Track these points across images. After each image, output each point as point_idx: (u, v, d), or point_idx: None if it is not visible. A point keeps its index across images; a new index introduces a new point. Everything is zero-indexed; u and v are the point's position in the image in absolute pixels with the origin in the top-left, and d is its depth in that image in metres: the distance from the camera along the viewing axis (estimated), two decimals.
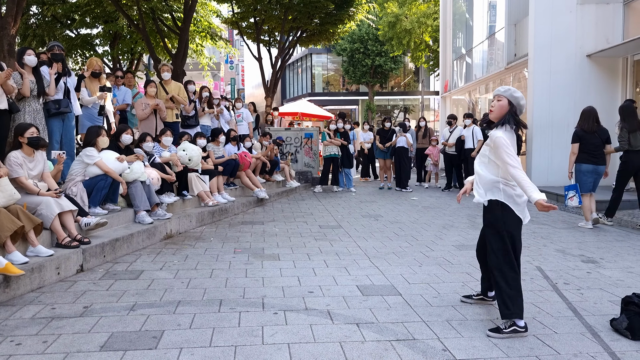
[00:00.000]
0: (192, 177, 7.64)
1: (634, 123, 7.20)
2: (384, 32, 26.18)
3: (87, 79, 7.08)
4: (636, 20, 10.66)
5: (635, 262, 5.32)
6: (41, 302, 3.89)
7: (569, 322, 3.59)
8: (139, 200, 6.11)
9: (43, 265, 4.26)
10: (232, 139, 9.50)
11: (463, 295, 4.05)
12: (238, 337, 3.27)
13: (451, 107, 19.88)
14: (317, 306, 3.86)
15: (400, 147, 11.82)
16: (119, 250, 5.30)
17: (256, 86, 42.01)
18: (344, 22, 19.62)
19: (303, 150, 13.17)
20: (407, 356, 3.02)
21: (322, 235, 6.68)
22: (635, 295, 3.47)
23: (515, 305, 3.34)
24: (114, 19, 17.27)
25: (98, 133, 5.90)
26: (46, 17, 17.26)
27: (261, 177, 10.40)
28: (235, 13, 19.21)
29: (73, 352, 3.03)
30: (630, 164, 7.27)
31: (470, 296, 4.02)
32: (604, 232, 6.98)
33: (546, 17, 11.22)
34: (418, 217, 8.10)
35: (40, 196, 4.78)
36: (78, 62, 19.90)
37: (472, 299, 3.99)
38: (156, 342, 3.18)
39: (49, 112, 6.12)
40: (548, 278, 4.69)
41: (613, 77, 11.30)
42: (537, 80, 11.34)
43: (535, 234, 6.75)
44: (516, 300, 3.36)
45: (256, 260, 5.30)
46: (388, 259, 5.37)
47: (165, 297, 4.05)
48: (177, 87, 8.75)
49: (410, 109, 39.05)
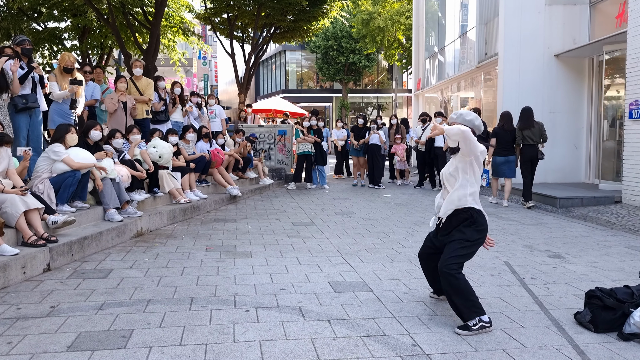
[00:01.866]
0: (163, 174, 7.54)
1: (526, 123, 8.90)
2: (357, 29, 26.30)
3: (59, 74, 6.90)
4: (602, 22, 10.95)
5: (599, 257, 5.48)
6: (6, 302, 3.80)
7: (535, 315, 3.68)
8: (109, 198, 6.00)
9: (8, 265, 4.15)
10: (204, 136, 9.42)
11: (431, 291, 4.10)
12: (209, 335, 3.26)
13: (424, 104, 20.08)
14: (289, 303, 3.87)
15: (373, 144, 11.90)
16: (87, 249, 5.21)
17: (229, 82, 41.68)
18: (317, 19, 19.62)
19: (276, 147, 13.13)
20: (378, 351, 3.05)
21: (295, 232, 6.68)
22: (598, 290, 3.57)
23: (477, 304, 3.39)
24: (82, 12, 16.86)
25: (67, 130, 5.76)
26: (12, 9, 16.75)
27: (234, 175, 10.33)
28: (208, 8, 19.02)
29: (39, 353, 2.97)
30: (525, 155, 8.97)
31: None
32: (570, 228, 7.16)
33: (515, 17, 11.43)
34: (390, 214, 8.17)
35: (5, 194, 4.65)
36: (46, 57, 19.39)
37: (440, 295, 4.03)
38: (125, 341, 3.14)
39: (16, 108, 5.96)
40: (516, 273, 4.79)
41: (579, 77, 11.59)
42: (507, 79, 11.56)
43: (504, 230, 6.88)
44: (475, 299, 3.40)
45: (228, 257, 5.27)
46: (360, 256, 5.41)
47: (135, 295, 4.00)
48: (147, 83, 8.61)
49: (384, 106, 39.30)
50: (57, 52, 18.90)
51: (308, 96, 37.86)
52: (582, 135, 11.67)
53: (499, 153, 9.04)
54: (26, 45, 6.22)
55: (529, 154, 8.92)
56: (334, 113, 37.46)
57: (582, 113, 11.66)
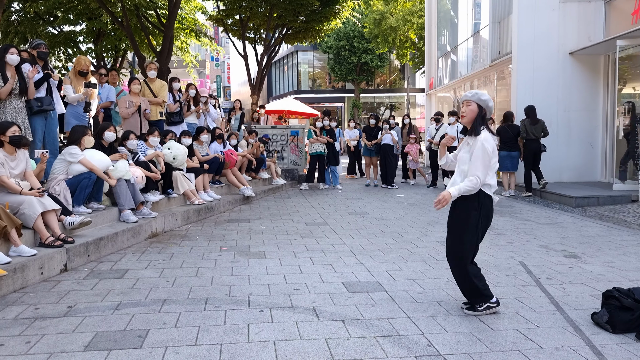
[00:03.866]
0: (177, 175, 7.60)
1: (534, 119, 9.95)
2: (369, 29, 26.22)
3: (74, 77, 6.99)
4: (617, 18, 10.81)
5: (616, 256, 5.41)
6: (24, 302, 3.85)
7: (551, 316, 3.65)
8: (124, 199, 6.06)
9: (26, 265, 4.21)
10: (217, 137, 9.47)
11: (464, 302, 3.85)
12: (224, 335, 3.27)
13: (436, 104, 19.98)
14: (302, 303, 3.87)
15: (385, 144, 11.87)
16: (103, 250, 5.26)
17: (242, 84, 41.80)
18: (329, 20, 19.60)
19: (289, 148, 13.15)
20: (392, 352, 3.05)
21: (308, 232, 6.69)
22: (615, 290, 3.53)
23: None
24: (97, 15, 17.05)
25: (84, 132, 5.84)
26: (28, 13, 16.98)
27: (247, 175, 10.37)
28: (221, 10, 19.10)
29: (57, 353, 3.00)
30: (528, 149, 10.02)
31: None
32: (586, 227, 7.08)
33: (529, 15, 11.33)
34: (404, 214, 8.15)
35: (23, 195, 4.72)
36: (61, 60, 19.63)
37: None
38: (141, 341, 3.17)
39: (31, 110, 6.05)
40: (531, 273, 4.75)
41: (595, 74, 11.45)
42: (521, 77, 11.46)
43: (519, 230, 6.82)
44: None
45: (242, 258, 5.29)
46: (374, 256, 5.40)
47: (151, 296, 4.04)
48: (161, 85, 8.68)
49: (396, 106, 39.17)
50: (73, 55, 19.12)
51: (320, 97, 37.85)
52: (597, 134, 11.53)
53: (502, 148, 9.99)
54: (42, 49, 6.33)
55: (532, 148, 9.98)
56: (347, 113, 37.41)
57: (597, 111, 11.52)
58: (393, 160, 12.10)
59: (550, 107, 11.20)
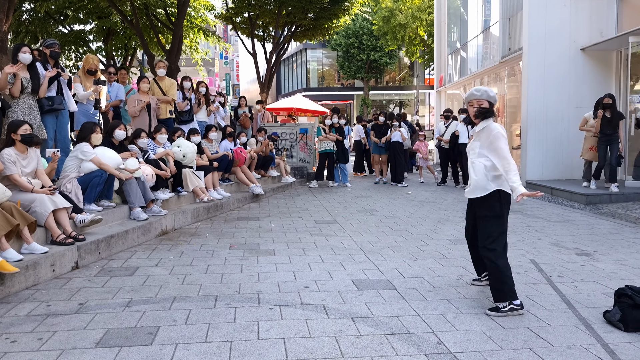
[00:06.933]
0: (187, 173, 7.62)
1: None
2: (378, 26, 26.16)
3: (83, 75, 7.04)
4: (630, 13, 10.68)
5: (629, 254, 5.36)
6: (36, 299, 3.89)
7: (562, 314, 3.62)
8: (134, 197, 6.10)
9: (38, 263, 4.25)
10: (228, 135, 9.49)
11: (473, 279, 4.33)
12: (234, 332, 3.28)
13: (446, 101, 19.89)
14: (312, 301, 3.87)
15: (395, 141, 11.83)
16: (114, 247, 5.30)
17: (251, 81, 41.90)
18: (338, 17, 19.57)
19: (298, 146, 13.15)
20: (402, 350, 3.04)
21: (317, 230, 6.69)
22: (628, 288, 3.50)
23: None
24: (107, 14, 17.17)
25: (92, 129, 5.87)
26: (39, 13, 17.13)
27: (256, 173, 10.38)
28: (230, 8, 19.13)
29: (68, 349, 3.03)
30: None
31: (479, 279, 4.27)
32: (598, 225, 7.01)
33: (540, 11, 11.22)
34: (413, 212, 8.12)
35: (34, 193, 4.76)
36: (72, 59, 19.79)
37: (482, 280, 4.24)
38: (152, 338, 3.18)
39: (42, 109, 6.09)
40: (542, 271, 4.71)
41: (607, 71, 11.32)
42: (532, 74, 11.35)
43: (530, 227, 6.78)
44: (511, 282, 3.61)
45: (252, 255, 5.30)
46: (383, 254, 5.38)
47: (161, 293, 4.06)
48: (170, 83, 8.71)
49: (406, 103, 39.06)
50: (83, 53, 19.29)
51: (329, 94, 37.86)
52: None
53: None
54: (55, 48, 6.37)
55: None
56: (356, 111, 37.36)
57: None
58: (402, 158, 12.05)
59: (562, 103, 11.09)
